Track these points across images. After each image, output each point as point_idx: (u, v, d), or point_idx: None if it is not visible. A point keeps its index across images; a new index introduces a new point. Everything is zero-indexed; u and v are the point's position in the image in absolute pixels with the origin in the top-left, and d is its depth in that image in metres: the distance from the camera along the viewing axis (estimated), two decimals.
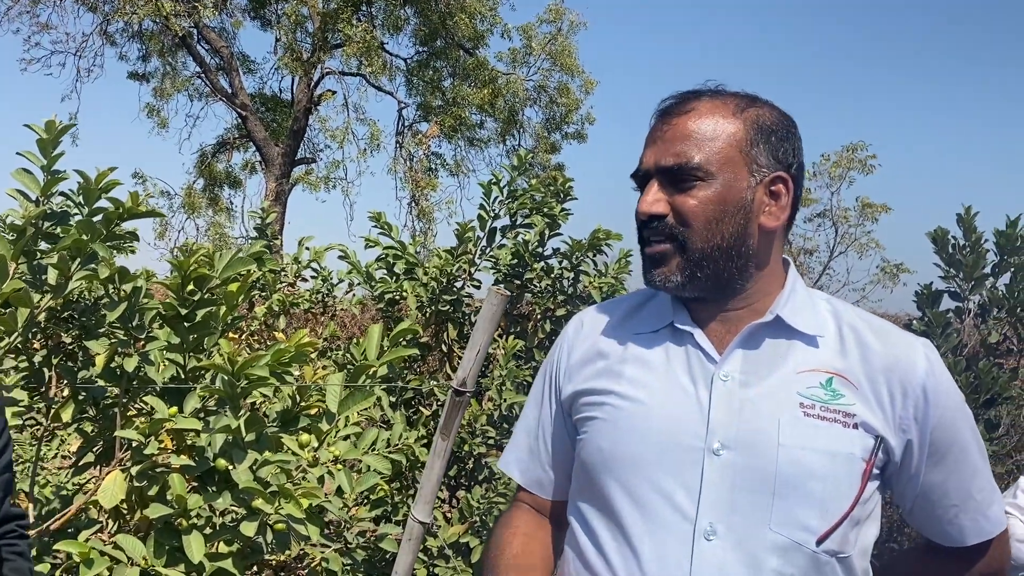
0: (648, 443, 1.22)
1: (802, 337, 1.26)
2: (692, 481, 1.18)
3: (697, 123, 1.23)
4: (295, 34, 17.31)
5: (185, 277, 1.71)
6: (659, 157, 1.24)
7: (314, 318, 4.54)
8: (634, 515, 1.21)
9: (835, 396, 1.20)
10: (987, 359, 4.82)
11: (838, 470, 1.17)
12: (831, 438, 1.18)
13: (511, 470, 1.47)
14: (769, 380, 1.22)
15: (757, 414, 1.20)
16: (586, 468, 1.29)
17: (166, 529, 1.65)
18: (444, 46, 18.00)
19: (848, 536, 1.19)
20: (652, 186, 1.24)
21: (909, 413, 1.22)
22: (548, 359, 1.45)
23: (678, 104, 1.26)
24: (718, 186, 1.22)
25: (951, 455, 1.26)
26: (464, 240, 3.57)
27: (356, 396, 1.77)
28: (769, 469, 1.17)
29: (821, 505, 1.16)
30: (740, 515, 1.16)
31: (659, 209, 1.23)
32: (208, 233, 18.98)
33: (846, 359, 1.24)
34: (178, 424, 1.68)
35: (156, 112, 19.04)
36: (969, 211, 5.05)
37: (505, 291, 1.82)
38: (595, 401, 1.30)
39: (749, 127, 1.24)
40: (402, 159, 18.79)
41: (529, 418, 1.47)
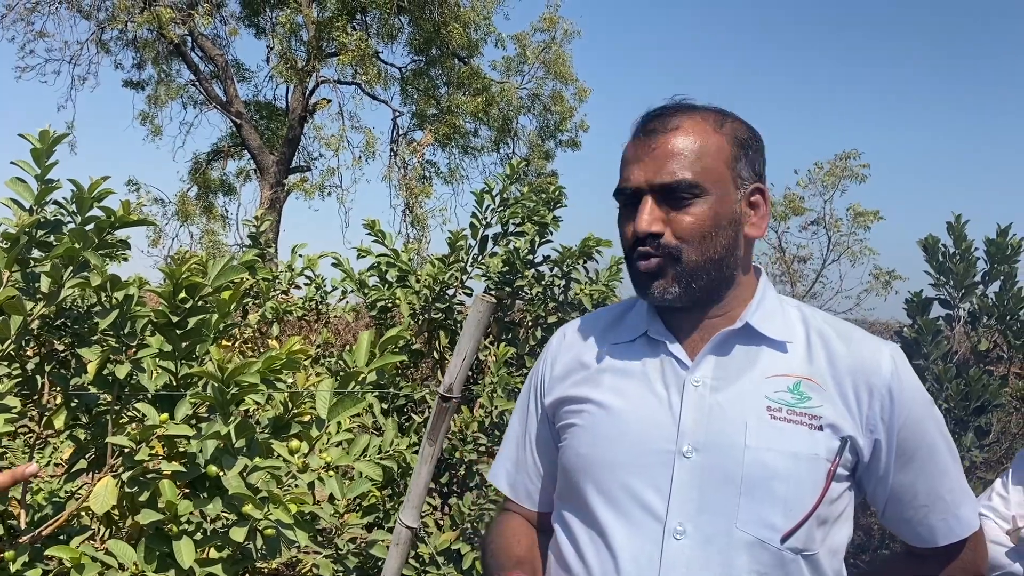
0: (622, 447, 1.27)
1: (771, 343, 1.30)
2: (663, 483, 1.23)
3: (685, 140, 1.26)
4: (290, 42, 17.34)
5: (177, 285, 1.72)
6: (652, 175, 1.26)
7: (308, 325, 4.56)
8: (608, 517, 1.25)
9: (802, 399, 1.25)
10: (977, 366, 4.84)
11: (801, 470, 1.21)
12: (796, 440, 1.22)
13: (500, 482, 1.51)
14: (738, 385, 1.27)
15: (725, 418, 1.24)
16: (566, 473, 1.34)
17: (157, 535, 1.66)
18: (438, 55, 18.07)
19: (813, 534, 1.23)
20: (647, 203, 1.26)
21: (876, 414, 1.26)
22: (533, 371, 1.50)
23: (662, 121, 1.28)
24: (712, 202, 1.26)
25: (919, 456, 1.30)
26: (456, 248, 3.60)
27: (345, 402, 1.79)
28: (735, 470, 1.21)
29: (785, 504, 1.21)
30: (708, 515, 1.21)
31: (658, 228, 1.25)
32: (202, 241, 18.97)
33: (813, 363, 1.28)
34: (169, 430, 1.69)
35: (150, 119, 19.06)
36: (959, 219, 5.09)
37: (491, 297, 1.84)
38: (575, 409, 1.35)
39: (732, 142, 1.29)
40: (397, 167, 18.82)
41: (515, 430, 1.51)
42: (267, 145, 18.23)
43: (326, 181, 18.58)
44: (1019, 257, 4.91)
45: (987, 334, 4.95)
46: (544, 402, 1.43)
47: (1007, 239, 4.92)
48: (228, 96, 17.94)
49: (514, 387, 3.36)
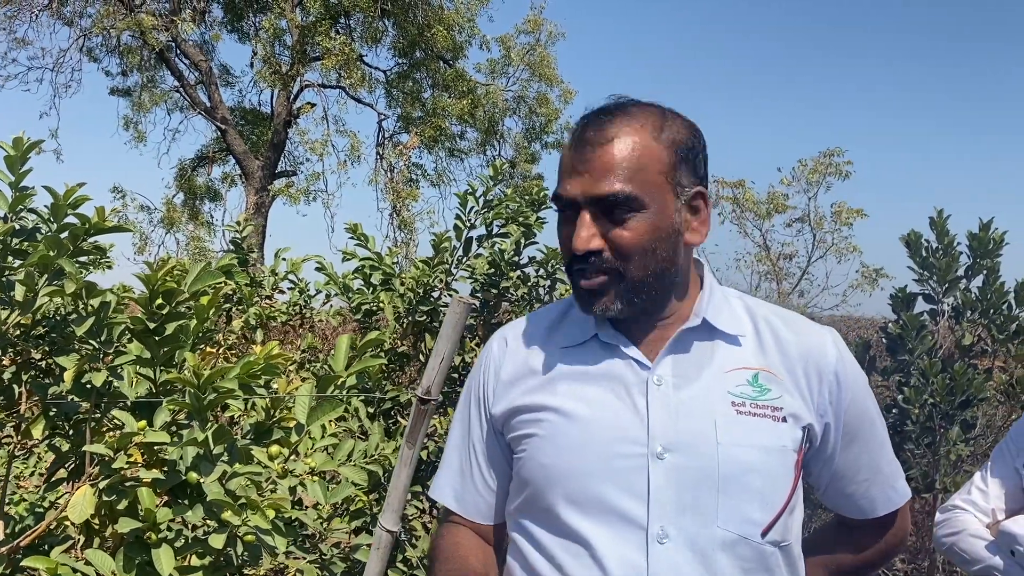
0: (591, 454, 1.24)
1: (725, 337, 1.30)
2: (639, 487, 1.21)
3: (623, 152, 1.21)
4: (273, 47, 17.31)
5: (154, 291, 1.71)
6: (588, 188, 1.22)
7: (292, 330, 4.54)
8: (586, 526, 1.22)
9: (763, 391, 1.25)
10: (962, 361, 4.87)
11: (773, 463, 1.22)
12: (763, 433, 1.22)
13: (445, 498, 1.44)
14: (699, 382, 1.26)
15: (693, 415, 1.23)
16: (530, 485, 1.29)
17: (136, 543, 1.65)
18: (423, 58, 18.06)
19: (788, 524, 1.24)
20: (584, 219, 1.22)
21: (825, 398, 1.28)
22: (472, 379, 1.44)
23: (599, 130, 1.23)
24: (651, 215, 1.22)
25: (862, 433, 1.33)
26: (441, 250, 3.59)
27: (325, 407, 1.78)
28: (711, 468, 1.20)
29: (762, 498, 1.21)
30: (689, 516, 1.20)
31: (596, 245, 1.22)
32: (188, 247, 18.90)
33: (766, 354, 1.29)
34: (147, 438, 1.68)
35: (134, 126, 18.98)
36: (941, 214, 5.11)
37: (468, 299, 1.83)
38: (531, 418, 1.31)
39: (671, 150, 1.25)
40: (383, 170, 18.80)
41: (457, 441, 1.44)
42: (252, 150, 18.18)
43: (311, 185, 18.54)
44: (1001, 251, 4.94)
45: (971, 328, 4.98)
46: (491, 413, 1.37)
47: (989, 233, 4.94)
48: (213, 102, 17.88)
49: None
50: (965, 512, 2.01)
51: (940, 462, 4.86)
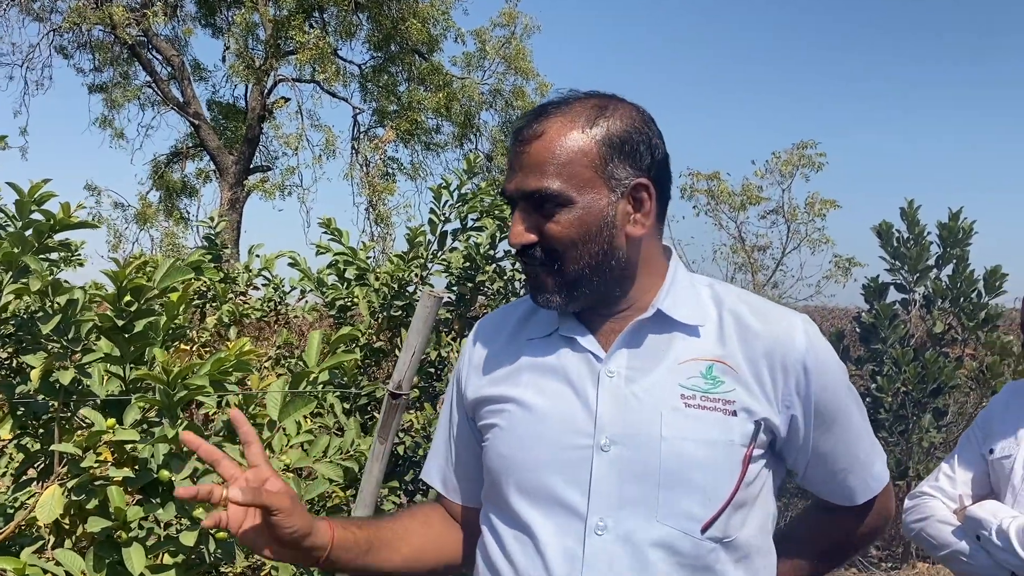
0: (542, 446, 1.26)
1: (683, 328, 1.29)
2: (582, 478, 1.22)
3: (550, 147, 1.23)
4: (247, 41, 17.16)
5: (121, 288, 1.69)
6: (519, 184, 1.25)
7: (267, 327, 4.51)
8: (533, 516, 1.25)
9: (715, 384, 1.25)
10: (933, 349, 4.93)
11: (718, 458, 1.22)
12: (711, 427, 1.22)
13: (433, 479, 1.49)
14: (653, 374, 1.26)
15: (641, 408, 1.24)
16: (490, 474, 1.33)
17: (107, 542, 1.63)
18: (398, 51, 17.97)
19: (732, 521, 1.23)
20: (517, 214, 1.26)
21: (791, 389, 1.27)
22: (456, 369, 1.48)
23: (529, 127, 1.25)
24: (579, 210, 1.23)
25: (837, 423, 1.32)
26: (415, 245, 3.58)
27: (297, 403, 1.77)
28: (653, 462, 1.21)
29: (703, 493, 1.21)
30: (628, 509, 1.21)
31: (527, 239, 1.25)
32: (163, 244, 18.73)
33: (726, 345, 1.28)
34: (117, 436, 1.66)
35: (108, 123, 18.77)
36: (912, 204, 5.17)
37: (438, 292, 1.83)
38: (495, 409, 1.34)
39: (601, 145, 1.24)
40: (358, 164, 18.71)
41: (443, 426, 1.50)
42: (227, 146, 18.03)
43: (286, 180, 18.43)
44: (971, 240, 5.01)
45: (942, 317, 5.04)
46: (465, 400, 1.41)
47: (958, 223, 5.01)
48: (186, 97, 17.72)
49: None
50: (933, 498, 2.03)
51: (913, 449, 4.92)
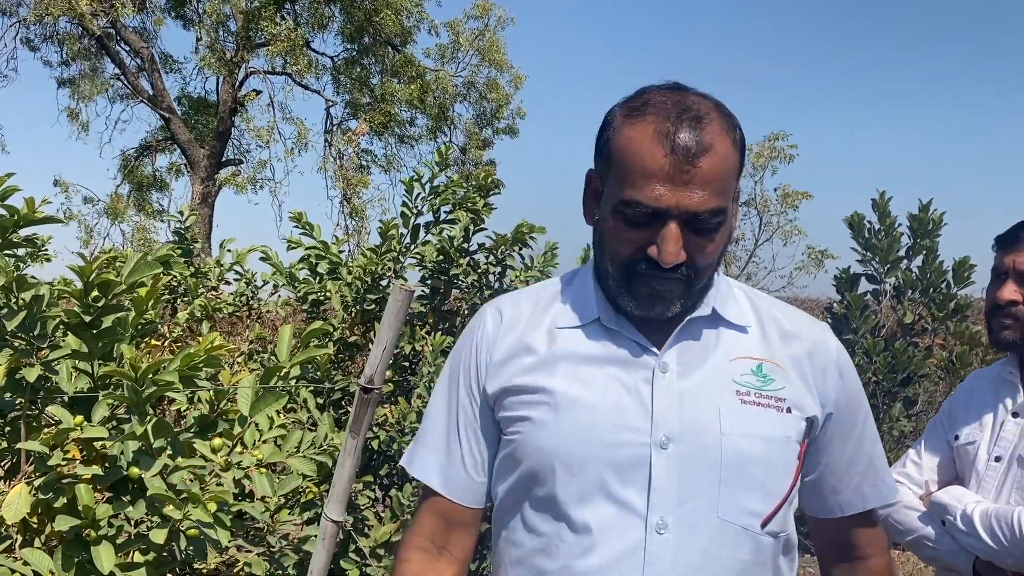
0: (593, 441, 1.20)
1: (731, 326, 1.28)
2: (640, 476, 1.19)
3: (720, 162, 1.15)
4: (217, 33, 16.98)
5: (88, 283, 1.67)
6: (684, 201, 1.13)
7: (239, 321, 4.48)
8: (585, 514, 1.20)
9: (767, 381, 1.24)
10: (903, 339, 4.99)
11: (775, 454, 1.21)
12: (768, 423, 1.21)
13: (430, 478, 1.35)
14: (704, 369, 1.24)
15: (697, 404, 1.21)
16: (525, 470, 1.25)
17: (75, 541, 1.61)
18: (371, 43, 17.87)
19: (787, 516, 1.24)
20: (672, 232, 1.15)
21: (828, 389, 1.28)
22: (459, 353, 1.37)
23: (695, 136, 1.13)
24: (727, 223, 1.20)
25: (857, 426, 1.33)
26: (388, 238, 3.56)
27: (268, 398, 1.75)
28: (714, 458, 1.19)
29: (763, 489, 1.20)
30: (689, 505, 1.18)
31: (682, 259, 1.17)
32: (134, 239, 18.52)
33: (770, 345, 1.28)
34: (85, 433, 1.64)
35: (76, 116, 18.53)
36: (883, 196, 5.22)
37: (409, 286, 1.82)
38: (527, 400, 1.26)
39: (741, 152, 1.20)
40: (332, 157, 18.60)
41: (441, 418, 1.37)
42: (198, 139, 17.85)
43: (258, 174, 18.29)
44: (940, 232, 5.06)
45: (912, 307, 5.10)
46: (485, 389, 1.31)
47: (928, 214, 5.06)
48: (156, 90, 17.52)
49: None
50: (900, 484, 2.05)
51: (884, 438, 4.98)
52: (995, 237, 2.03)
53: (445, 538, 1.36)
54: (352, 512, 3.05)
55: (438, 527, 1.36)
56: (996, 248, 2.03)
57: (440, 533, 1.36)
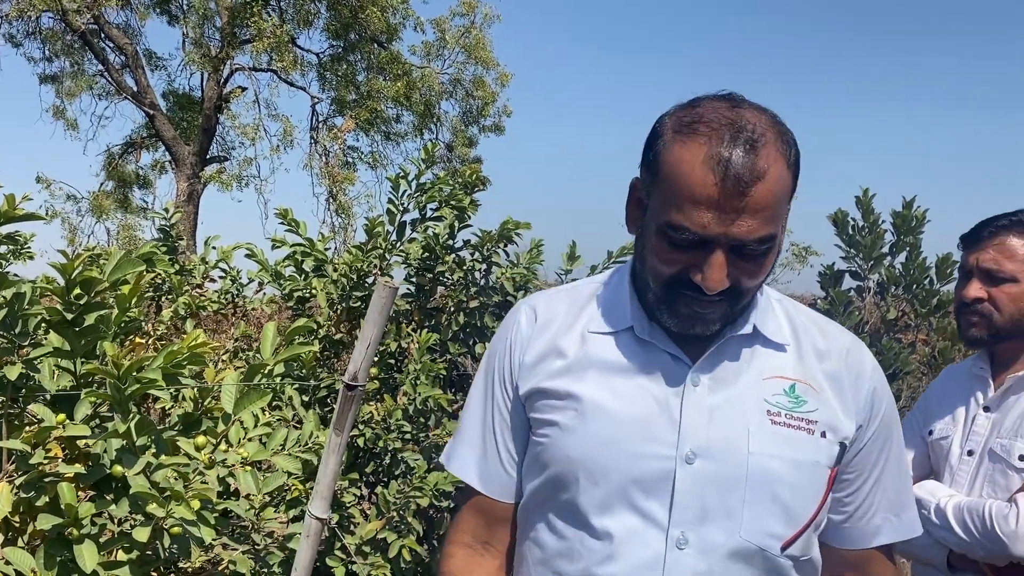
0: (619, 452, 1.20)
1: (768, 343, 1.26)
2: (664, 489, 1.18)
3: (773, 189, 1.10)
4: (202, 29, 16.89)
5: (70, 281, 1.66)
6: (732, 229, 1.10)
7: (225, 319, 4.46)
8: (607, 523, 1.20)
9: (799, 403, 1.22)
10: (887, 335, 5.02)
11: (804, 478, 1.20)
12: (797, 446, 1.20)
13: (469, 476, 1.36)
14: (736, 387, 1.22)
15: (727, 422, 1.20)
16: (551, 474, 1.26)
17: (58, 540, 1.60)
18: (357, 40, 17.82)
19: (811, 540, 1.22)
20: (719, 258, 1.12)
21: (861, 406, 1.25)
22: (495, 350, 1.37)
23: (749, 164, 1.09)
24: (777, 244, 1.17)
25: (885, 452, 1.29)
26: (374, 235, 3.55)
27: (252, 395, 1.75)
28: (739, 477, 1.18)
29: (787, 512, 1.19)
30: (711, 523, 1.18)
31: (727, 285, 1.14)
32: (119, 236, 18.42)
33: (805, 364, 1.25)
34: (67, 431, 1.63)
35: (61, 113, 18.40)
36: (867, 193, 5.24)
37: (393, 283, 1.81)
38: (556, 405, 1.26)
39: (795, 174, 1.16)
40: (318, 154, 18.54)
41: (477, 416, 1.37)
42: (183, 136, 17.76)
43: (243, 171, 18.21)
44: (923, 228, 5.09)
45: (895, 303, 5.13)
46: (518, 387, 1.31)
47: (912, 211, 5.09)
48: (140, 86, 17.41)
49: (438, 373, 3.35)
50: None
51: None
52: (960, 236, 2.06)
53: (488, 533, 1.37)
54: (338, 510, 3.05)
55: (480, 523, 1.38)
56: (961, 247, 2.07)
57: (482, 529, 1.37)
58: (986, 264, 1.95)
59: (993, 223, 1.99)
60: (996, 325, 1.94)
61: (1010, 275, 1.92)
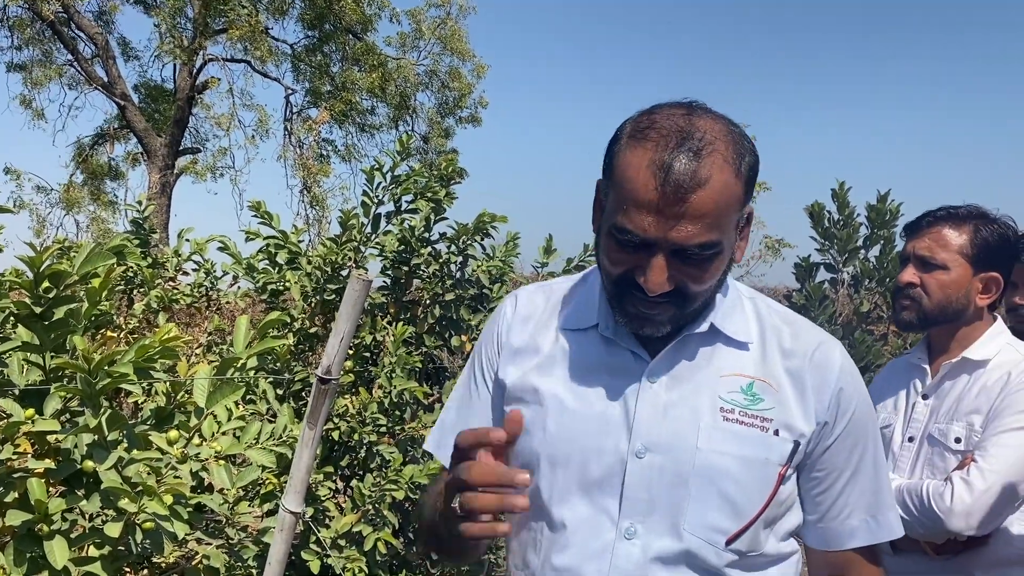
0: (576, 445, 1.25)
1: (730, 342, 1.28)
2: (616, 483, 1.22)
3: (715, 197, 1.12)
4: (175, 19, 16.68)
5: (39, 274, 1.63)
6: (671, 233, 1.12)
7: (198, 313, 4.41)
8: (563, 514, 1.24)
9: (755, 401, 1.24)
10: (860, 327, 5.07)
11: (752, 474, 1.21)
12: (747, 443, 1.21)
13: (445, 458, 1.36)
14: (692, 384, 1.25)
15: (679, 418, 1.23)
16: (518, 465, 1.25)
17: (28, 536, 1.58)
18: (332, 30, 17.68)
19: (759, 536, 1.24)
20: (660, 262, 1.14)
21: (825, 405, 1.25)
22: (485, 337, 1.41)
23: (690, 171, 1.11)
24: (723, 252, 1.18)
25: (857, 453, 1.29)
26: (348, 228, 3.52)
27: (224, 389, 1.73)
28: (686, 472, 1.21)
29: (733, 507, 1.21)
30: (658, 516, 1.21)
31: (668, 288, 1.16)
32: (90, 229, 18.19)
33: (767, 362, 1.27)
34: (36, 427, 1.61)
35: (28, 103, 18.11)
36: (842, 186, 5.29)
37: (367, 276, 1.80)
38: (525, 397, 1.31)
39: (746, 185, 1.17)
40: (292, 146, 18.40)
41: (460, 399, 1.43)
42: (156, 127, 17.54)
43: (218, 162, 18.04)
44: (897, 222, 5.15)
45: (868, 296, 5.18)
46: (497, 375, 1.36)
47: (886, 204, 5.14)
48: (111, 77, 17.17)
49: (413, 366, 3.33)
50: None
51: None
52: (903, 226, 2.18)
53: None
54: (313, 503, 3.03)
55: None
56: (903, 235, 2.17)
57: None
58: (921, 252, 2.04)
59: (932, 214, 2.09)
60: (925, 310, 2.04)
61: (942, 263, 2.01)
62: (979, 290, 2.03)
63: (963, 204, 2.08)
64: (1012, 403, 1.92)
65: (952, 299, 2.02)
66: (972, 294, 2.02)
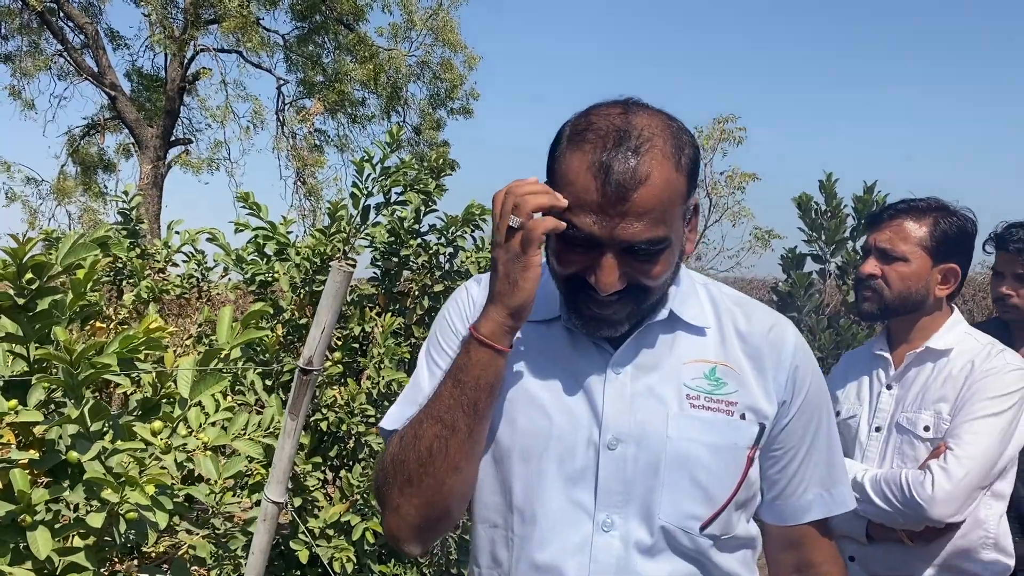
0: (547, 440, 1.24)
1: (688, 328, 1.29)
2: (590, 476, 1.23)
3: (657, 194, 1.13)
4: (166, 9, 16.60)
5: (21, 265, 1.64)
6: (618, 233, 1.14)
7: (188, 304, 4.41)
8: (537, 509, 1.24)
9: (718, 385, 1.25)
10: (847, 317, 5.10)
11: (722, 460, 1.23)
12: (715, 429, 1.23)
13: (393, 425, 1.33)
14: (657, 373, 1.26)
15: (647, 408, 1.24)
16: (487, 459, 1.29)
17: (11, 526, 1.59)
18: (323, 21, 17.61)
19: (731, 519, 1.26)
20: (609, 261, 1.15)
21: (781, 386, 1.27)
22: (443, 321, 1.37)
23: (628, 170, 1.12)
24: (672, 245, 1.19)
25: (811, 429, 1.31)
26: (337, 219, 3.53)
27: (208, 380, 1.74)
28: (657, 461, 1.22)
29: (705, 494, 1.23)
30: (633, 507, 1.22)
31: (620, 286, 1.17)
32: (82, 220, 18.14)
33: (726, 347, 1.28)
34: (20, 417, 1.61)
35: (17, 94, 18.02)
36: (830, 178, 5.31)
37: (348, 266, 1.81)
38: None
39: (689, 176, 1.19)
40: (285, 137, 18.35)
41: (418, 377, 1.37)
42: (147, 118, 17.47)
43: (214, 154, 17.99)
44: None
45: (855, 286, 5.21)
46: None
47: (873, 196, 5.16)
48: (101, 67, 17.09)
49: (402, 357, 3.34)
50: None
51: None
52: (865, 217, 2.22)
53: None
54: (301, 493, 3.04)
55: None
56: (866, 227, 2.23)
57: None
58: (882, 243, 2.08)
59: (893, 207, 2.13)
60: (886, 300, 2.07)
61: (902, 255, 2.05)
62: (938, 281, 2.06)
63: (924, 197, 2.11)
64: (979, 390, 1.96)
65: (912, 290, 2.05)
66: (932, 285, 2.06)
